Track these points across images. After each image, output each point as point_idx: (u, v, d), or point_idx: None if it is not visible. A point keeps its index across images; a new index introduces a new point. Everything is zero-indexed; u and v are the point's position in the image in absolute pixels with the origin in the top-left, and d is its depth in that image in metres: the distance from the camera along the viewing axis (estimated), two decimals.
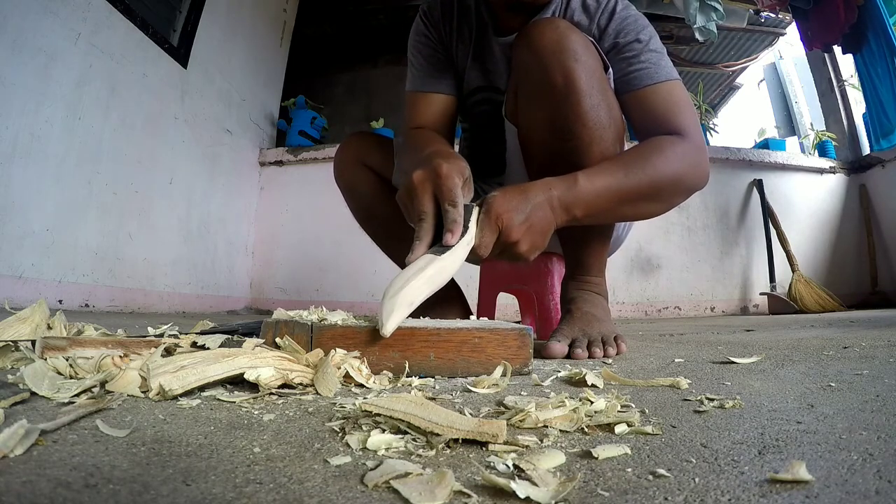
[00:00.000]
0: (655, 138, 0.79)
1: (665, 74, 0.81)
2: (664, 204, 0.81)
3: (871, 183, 3.01)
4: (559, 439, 0.31)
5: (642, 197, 0.76)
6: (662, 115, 0.80)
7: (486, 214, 0.65)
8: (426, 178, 0.64)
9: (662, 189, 0.77)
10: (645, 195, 0.76)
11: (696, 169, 0.79)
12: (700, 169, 0.80)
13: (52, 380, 0.40)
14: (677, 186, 0.79)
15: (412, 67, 0.99)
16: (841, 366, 0.60)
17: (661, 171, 0.75)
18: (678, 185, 0.79)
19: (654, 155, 0.76)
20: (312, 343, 0.52)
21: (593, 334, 0.78)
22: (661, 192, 0.78)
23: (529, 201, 0.67)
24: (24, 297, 1.55)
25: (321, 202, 2.73)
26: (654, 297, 2.74)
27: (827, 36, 3.05)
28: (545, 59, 0.76)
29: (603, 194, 0.72)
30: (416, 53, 0.99)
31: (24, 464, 0.24)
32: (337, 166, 1.09)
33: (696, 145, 0.79)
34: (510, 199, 0.66)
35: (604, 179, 0.72)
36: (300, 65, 3.53)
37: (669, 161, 0.76)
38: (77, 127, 1.80)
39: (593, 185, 0.72)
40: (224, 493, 0.22)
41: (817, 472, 0.24)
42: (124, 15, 1.99)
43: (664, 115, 0.80)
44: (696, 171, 0.79)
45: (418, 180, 0.64)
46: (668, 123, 0.80)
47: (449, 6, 0.97)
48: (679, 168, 0.77)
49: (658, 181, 0.76)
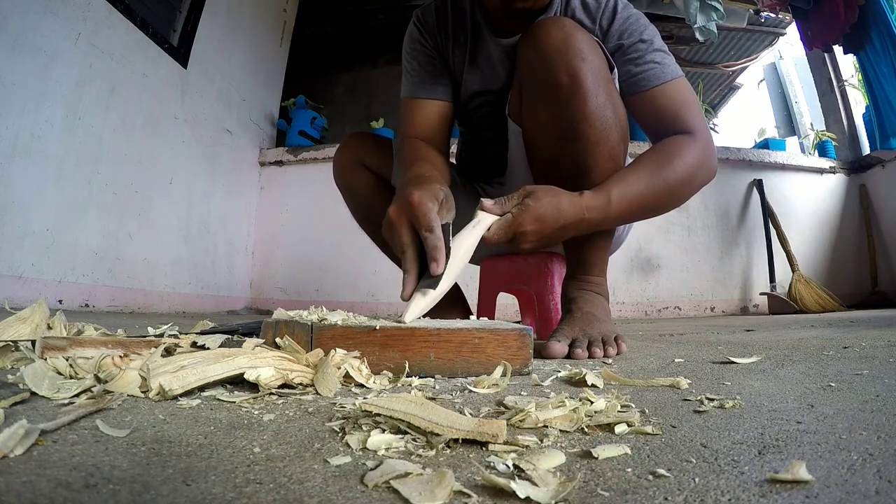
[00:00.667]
0: (669, 141, 0.80)
1: (671, 73, 0.82)
2: (677, 205, 0.83)
3: (871, 183, 3.01)
4: (559, 439, 0.31)
5: (662, 203, 0.80)
6: (672, 115, 0.82)
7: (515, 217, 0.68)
8: (401, 210, 0.65)
9: (679, 192, 0.80)
10: (664, 201, 0.79)
11: (708, 167, 0.82)
12: (710, 165, 0.82)
13: (52, 380, 0.40)
14: (692, 187, 0.81)
15: (407, 73, 0.99)
16: (841, 366, 0.60)
17: (680, 176, 0.78)
18: (692, 185, 0.81)
19: (674, 160, 0.78)
20: (312, 343, 0.52)
21: (593, 334, 0.78)
22: (678, 196, 0.81)
23: (560, 218, 0.70)
24: (24, 297, 1.54)
25: (321, 202, 2.73)
26: (654, 297, 2.74)
27: (827, 36, 3.04)
28: (551, 59, 0.76)
29: (628, 208, 0.75)
30: (410, 59, 0.99)
31: (24, 464, 0.24)
32: (336, 167, 1.09)
33: (706, 142, 0.81)
34: (544, 211, 0.69)
35: (632, 193, 0.75)
36: (300, 65, 3.53)
37: (686, 164, 0.79)
38: (77, 127, 1.80)
39: (622, 202, 0.74)
40: (224, 493, 0.22)
41: (817, 472, 0.24)
42: (124, 15, 1.99)
43: (674, 115, 0.82)
44: (707, 169, 0.82)
45: (394, 214, 0.65)
46: (677, 123, 0.81)
47: (443, 11, 0.97)
48: (693, 169, 0.80)
49: (676, 186, 0.79)
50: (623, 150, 0.82)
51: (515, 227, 0.68)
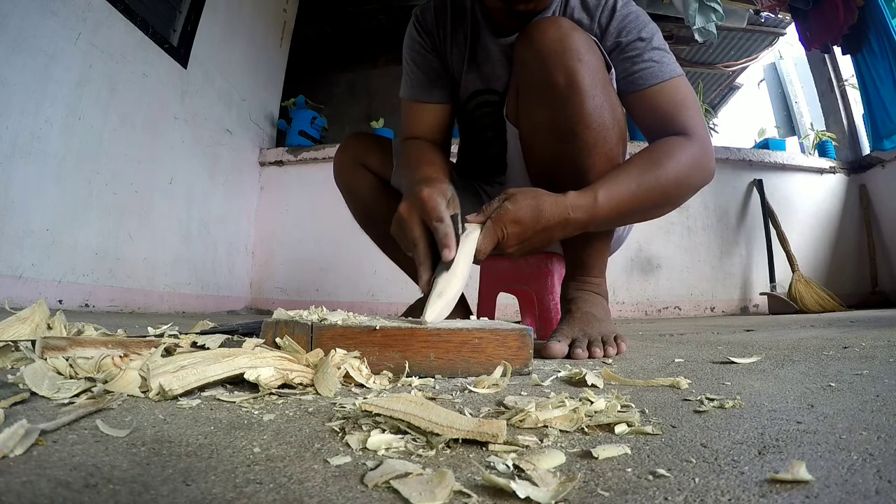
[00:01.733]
0: (664, 141, 0.79)
1: (669, 72, 0.81)
2: (672, 207, 0.82)
3: (871, 183, 3.01)
4: (559, 439, 0.31)
5: (655, 204, 0.78)
6: (669, 114, 0.80)
7: (493, 222, 0.67)
8: (411, 206, 0.67)
9: (673, 194, 0.79)
10: (657, 202, 0.78)
11: (704, 169, 0.80)
12: (707, 167, 0.81)
13: (52, 380, 0.40)
14: (687, 189, 0.80)
15: (406, 74, 0.99)
16: (841, 366, 0.60)
17: (672, 177, 0.77)
18: (688, 187, 0.80)
19: (666, 160, 0.76)
20: (312, 343, 0.52)
21: (593, 334, 0.78)
22: (671, 198, 0.79)
23: (540, 222, 0.69)
24: (24, 297, 1.54)
25: (321, 202, 2.74)
26: (654, 297, 2.74)
27: (826, 37, 3.04)
28: (547, 59, 0.75)
29: (617, 208, 0.74)
30: (409, 61, 0.99)
31: (24, 464, 0.24)
32: (336, 167, 1.09)
33: (702, 144, 0.80)
34: (522, 213, 0.68)
35: (620, 193, 0.74)
36: (300, 65, 3.53)
37: (680, 166, 0.77)
38: (77, 127, 1.80)
39: (610, 202, 0.73)
40: (224, 493, 0.22)
41: (817, 472, 0.24)
42: (124, 15, 1.99)
43: (671, 115, 0.80)
44: (703, 171, 0.80)
45: (405, 211, 0.67)
46: (674, 122, 0.80)
47: (442, 10, 0.96)
48: (688, 171, 0.78)
49: (669, 187, 0.77)
50: (621, 151, 0.81)
51: (496, 232, 0.68)
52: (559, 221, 0.71)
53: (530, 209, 0.69)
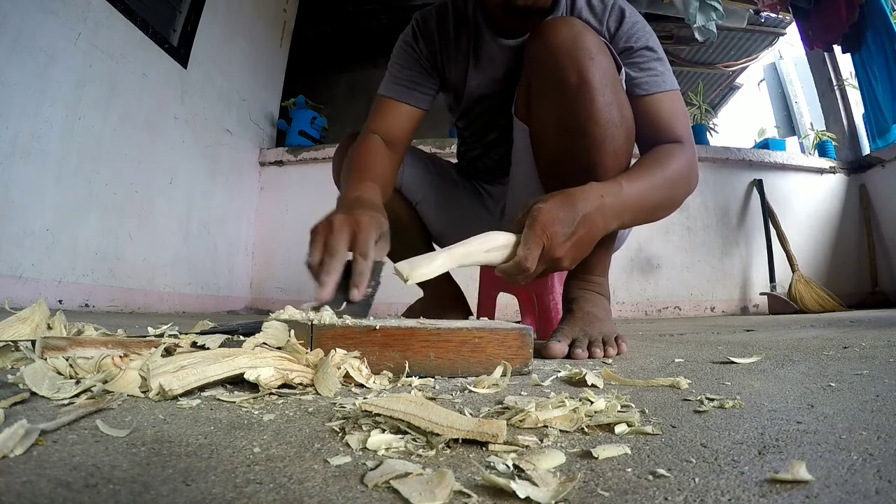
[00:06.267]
0: (664, 147, 0.83)
1: (670, 84, 0.85)
2: (672, 208, 0.85)
3: (871, 183, 3.01)
4: (559, 439, 0.31)
5: (662, 203, 0.81)
6: (666, 123, 0.84)
7: (530, 228, 0.64)
8: (346, 223, 0.65)
9: (675, 195, 0.83)
10: (664, 202, 0.81)
11: (696, 176, 0.86)
12: (696, 175, 0.86)
13: (52, 380, 0.40)
14: (684, 191, 0.84)
15: (389, 71, 0.99)
16: (841, 366, 0.60)
17: (676, 178, 0.81)
18: (685, 190, 0.84)
19: (670, 163, 0.80)
20: (312, 343, 0.52)
21: (594, 334, 0.78)
22: (674, 199, 0.83)
23: (578, 211, 0.67)
24: (24, 297, 1.54)
25: (321, 202, 2.69)
26: (654, 297, 2.74)
27: (828, 35, 3.05)
28: (560, 57, 0.76)
29: (639, 202, 0.76)
30: (396, 60, 0.99)
31: (24, 464, 0.24)
32: (335, 168, 1.09)
33: (692, 153, 0.85)
34: (557, 210, 0.66)
35: (639, 186, 0.76)
36: (300, 65, 3.53)
37: (681, 169, 0.81)
38: (77, 127, 1.80)
39: (633, 191, 0.74)
40: (224, 493, 0.22)
41: (817, 472, 0.24)
42: (124, 15, 1.99)
43: (667, 124, 0.84)
44: (695, 177, 0.86)
45: (339, 223, 0.65)
46: (670, 131, 0.84)
47: (444, 17, 0.97)
48: (687, 175, 0.83)
49: (674, 187, 0.81)
50: (628, 149, 0.83)
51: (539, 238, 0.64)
52: (596, 207, 0.69)
53: (562, 204, 0.67)
